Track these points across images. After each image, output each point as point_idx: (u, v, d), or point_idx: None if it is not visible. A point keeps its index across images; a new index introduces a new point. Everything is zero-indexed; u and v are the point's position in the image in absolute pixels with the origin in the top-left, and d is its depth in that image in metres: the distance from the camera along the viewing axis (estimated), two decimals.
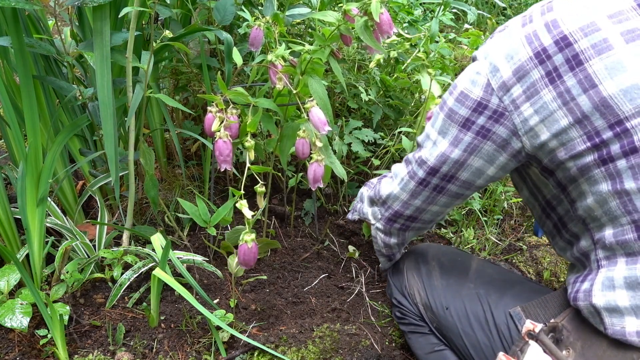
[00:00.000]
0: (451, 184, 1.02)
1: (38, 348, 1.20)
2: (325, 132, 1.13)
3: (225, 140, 1.12)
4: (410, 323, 1.19)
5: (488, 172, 0.98)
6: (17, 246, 1.36)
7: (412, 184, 1.06)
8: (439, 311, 1.13)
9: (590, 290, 0.87)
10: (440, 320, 1.13)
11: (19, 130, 1.26)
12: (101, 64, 1.19)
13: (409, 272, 1.22)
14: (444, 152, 0.98)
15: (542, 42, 0.84)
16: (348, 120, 1.82)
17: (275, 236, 1.65)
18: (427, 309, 1.16)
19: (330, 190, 1.87)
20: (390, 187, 1.11)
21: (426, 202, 1.08)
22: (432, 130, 1.01)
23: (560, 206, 1.00)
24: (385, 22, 1.13)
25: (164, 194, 1.72)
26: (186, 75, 1.68)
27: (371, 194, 1.17)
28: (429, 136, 1.01)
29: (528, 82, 0.85)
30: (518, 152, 0.92)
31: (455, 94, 0.95)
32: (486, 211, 1.89)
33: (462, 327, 1.08)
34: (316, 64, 1.21)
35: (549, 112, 0.84)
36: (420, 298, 1.17)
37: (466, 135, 0.95)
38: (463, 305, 1.10)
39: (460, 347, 1.08)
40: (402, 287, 1.22)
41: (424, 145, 1.03)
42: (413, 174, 1.05)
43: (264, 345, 1.20)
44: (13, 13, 1.16)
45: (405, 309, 1.21)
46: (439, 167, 1.01)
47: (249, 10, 1.51)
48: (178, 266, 1.25)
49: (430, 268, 1.20)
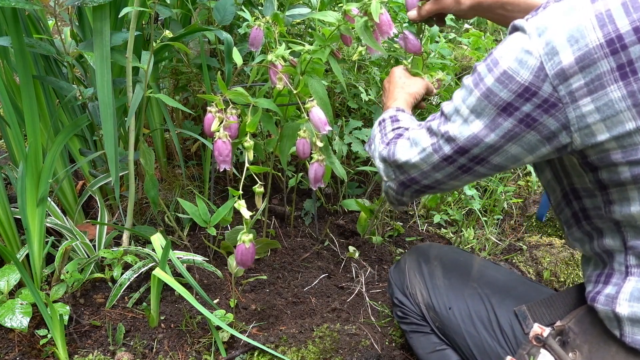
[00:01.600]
0: (480, 166, 0.92)
1: (38, 348, 1.20)
2: (325, 131, 1.13)
3: (225, 141, 1.12)
4: (412, 322, 1.18)
5: (524, 159, 0.88)
6: (17, 246, 1.36)
7: (436, 157, 0.94)
8: (442, 311, 1.11)
9: (615, 298, 0.83)
10: (443, 321, 1.10)
11: (19, 130, 1.26)
12: (101, 64, 1.19)
13: (411, 271, 1.20)
14: (477, 135, 0.87)
15: (617, 26, 0.72)
16: (348, 120, 1.82)
17: (275, 236, 1.65)
18: (430, 309, 1.13)
19: (330, 190, 1.87)
20: (408, 154, 0.98)
21: (448, 177, 0.97)
22: (464, 106, 0.88)
23: (589, 199, 0.90)
24: (385, 22, 1.13)
25: (164, 194, 1.72)
26: (186, 75, 1.68)
27: (384, 153, 1.04)
28: (459, 111, 0.89)
29: (593, 73, 0.74)
30: (564, 146, 0.82)
31: (496, 72, 0.82)
32: (486, 211, 1.89)
33: (465, 328, 1.06)
34: (316, 64, 1.21)
35: (613, 111, 0.74)
36: (423, 298, 1.15)
37: (506, 121, 0.83)
38: (466, 305, 1.07)
39: (463, 347, 1.07)
40: (404, 286, 1.20)
41: (452, 119, 0.90)
42: (438, 147, 0.93)
43: (264, 345, 1.20)
44: (13, 13, 1.16)
45: (407, 308, 1.18)
46: (469, 149, 0.89)
47: (249, 10, 1.51)
48: (178, 266, 1.25)
49: (432, 268, 1.17)
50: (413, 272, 1.20)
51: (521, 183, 2.09)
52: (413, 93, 1.21)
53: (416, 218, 1.83)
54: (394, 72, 1.26)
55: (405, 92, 1.21)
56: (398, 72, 1.25)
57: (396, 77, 1.24)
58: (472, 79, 0.87)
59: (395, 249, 1.66)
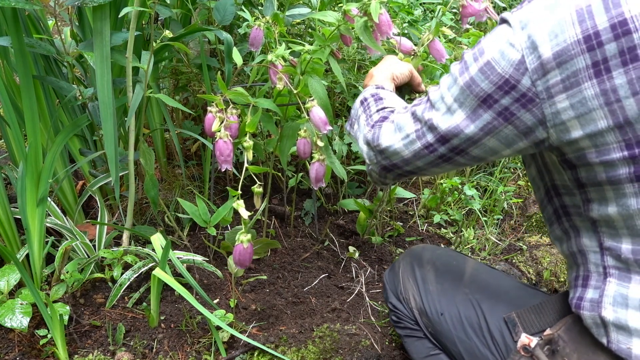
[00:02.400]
0: (460, 156, 0.92)
1: (38, 348, 1.20)
2: (326, 131, 1.13)
3: (226, 141, 1.12)
4: (406, 327, 1.17)
5: (502, 152, 0.88)
6: (17, 246, 1.36)
7: (418, 145, 0.94)
8: (434, 317, 1.10)
9: (599, 302, 0.82)
10: (435, 326, 1.10)
11: (19, 130, 1.26)
12: (101, 64, 1.19)
13: (404, 276, 1.19)
14: (458, 125, 0.87)
15: (595, 22, 0.71)
16: None
17: (275, 236, 1.65)
18: (422, 314, 1.12)
19: (330, 190, 1.87)
20: (391, 139, 0.97)
21: (430, 165, 0.97)
22: (448, 94, 0.87)
23: (568, 197, 0.91)
24: (385, 22, 1.13)
25: (164, 194, 1.72)
26: (186, 75, 1.68)
27: (369, 136, 1.03)
28: (444, 99, 0.88)
29: (569, 70, 0.74)
30: (541, 141, 0.82)
31: (480, 62, 0.81)
32: (486, 211, 1.89)
33: (456, 334, 1.05)
34: (316, 64, 1.21)
35: (586, 109, 0.74)
36: (415, 303, 1.14)
37: (486, 113, 0.83)
38: (457, 312, 1.06)
39: (455, 352, 1.07)
40: (398, 291, 1.18)
41: (437, 106, 0.90)
42: (421, 134, 0.93)
43: (264, 345, 1.20)
44: (13, 13, 1.16)
45: (401, 313, 1.17)
46: (449, 138, 0.89)
47: (249, 10, 1.51)
48: (178, 266, 1.25)
49: (425, 272, 1.16)
50: (407, 277, 1.18)
51: (521, 183, 2.09)
52: (392, 69, 1.20)
53: (416, 218, 1.83)
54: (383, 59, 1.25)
55: (383, 68, 1.20)
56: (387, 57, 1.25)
57: (381, 63, 1.24)
58: (459, 67, 0.86)
59: (395, 249, 1.66)
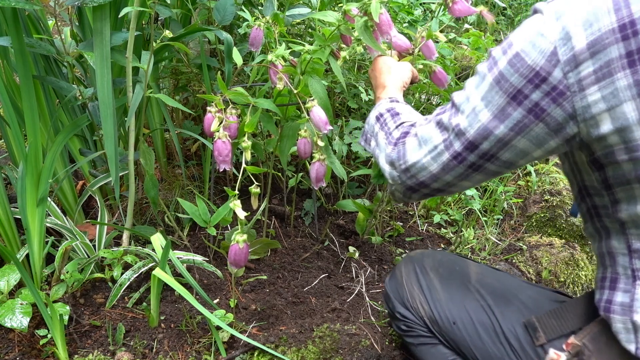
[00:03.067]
0: (490, 163, 0.86)
1: (38, 348, 1.20)
2: (326, 131, 1.13)
3: (225, 141, 1.12)
4: (419, 335, 1.13)
5: (533, 153, 0.84)
6: (17, 246, 1.36)
7: (446, 156, 0.88)
8: (446, 325, 1.07)
9: (631, 306, 0.81)
10: (449, 335, 1.07)
11: (19, 130, 1.26)
12: (101, 64, 1.19)
13: (409, 284, 1.15)
14: (487, 126, 0.82)
15: (632, 11, 0.69)
16: (348, 120, 1.82)
17: (275, 236, 1.65)
18: (434, 323, 1.10)
19: (330, 190, 1.87)
20: (417, 155, 0.92)
21: (459, 178, 0.91)
22: (475, 94, 0.83)
23: (597, 197, 0.88)
24: (385, 22, 1.13)
25: (164, 194, 1.72)
26: (186, 75, 1.68)
27: (393, 155, 0.96)
28: (470, 99, 0.84)
29: (602, 60, 0.71)
30: (572, 137, 0.79)
31: (509, 54, 0.78)
32: (486, 211, 1.89)
33: (471, 341, 1.03)
34: (316, 63, 1.21)
35: (618, 101, 0.71)
36: (425, 312, 1.11)
37: (516, 111, 0.79)
38: (470, 319, 1.04)
39: (472, 358, 1.05)
40: (404, 300, 1.15)
41: (462, 109, 0.85)
42: (449, 144, 0.87)
43: (264, 345, 1.20)
44: (13, 13, 1.16)
45: (411, 321, 1.14)
46: (479, 143, 0.84)
47: (249, 10, 1.51)
48: (178, 266, 1.25)
49: (429, 280, 1.13)
50: (411, 285, 1.15)
51: (521, 183, 2.09)
52: (401, 77, 1.18)
53: (416, 218, 1.83)
54: (378, 60, 1.22)
55: (393, 77, 1.17)
56: (382, 59, 1.22)
57: (380, 64, 1.20)
58: (486, 64, 0.83)
59: (395, 249, 1.66)
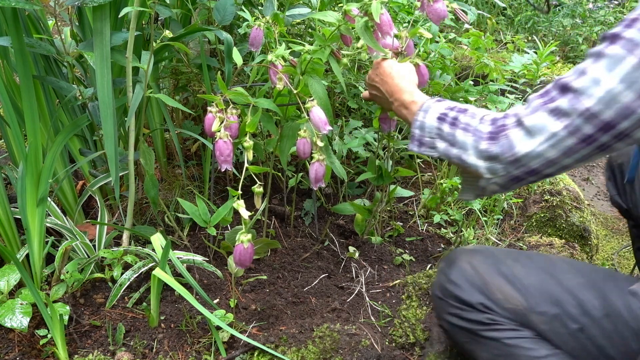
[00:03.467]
0: (620, 142, 0.87)
1: (38, 348, 1.20)
2: (326, 131, 1.13)
3: (226, 141, 1.12)
4: (509, 329, 1.06)
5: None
6: (17, 246, 1.36)
7: (571, 141, 0.88)
8: (548, 309, 1.03)
9: None
10: (551, 320, 1.03)
11: (19, 130, 1.26)
12: (101, 64, 1.19)
13: (488, 276, 1.09)
14: (630, 106, 0.82)
15: None
16: (348, 120, 1.82)
17: (275, 236, 1.65)
18: (532, 312, 1.05)
19: (330, 190, 1.87)
20: (530, 145, 0.92)
21: (579, 160, 0.92)
22: (608, 77, 0.84)
23: None
24: (386, 22, 1.13)
25: (164, 194, 1.72)
26: (186, 75, 1.68)
27: (494, 149, 0.96)
28: (600, 83, 0.84)
29: None
30: None
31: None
32: (486, 211, 1.89)
33: (583, 322, 1.01)
34: (316, 64, 1.21)
35: None
36: (518, 302, 1.06)
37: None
38: (574, 300, 1.02)
39: (582, 340, 1.02)
40: (486, 291, 1.08)
41: (590, 92, 0.85)
42: (575, 129, 0.87)
43: (264, 345, 1.20)
44: (13, 13, 1.16)
45: (496, 313, 1.07)
46: (616, 124, 0.84)
47: (249, 10, 1.51)
48: (178, 266, 1.25)
49: (511, 271, 1.08)
50: (491, 277, 1.09)
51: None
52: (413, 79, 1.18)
53: (416, 218, 1.83)
54: (384, 64, 1.20)
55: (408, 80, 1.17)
56: (388, 62, 1.20)
57: (389, 68, 1.19)
58: (619, 47, 0.83)
59: (395, 249, 1.66)
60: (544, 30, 3.76)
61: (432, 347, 1.28)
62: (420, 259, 1.65)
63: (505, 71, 2.04)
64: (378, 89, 1.21)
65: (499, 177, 0.98)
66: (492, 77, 1.98)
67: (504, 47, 3.24)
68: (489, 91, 1.98)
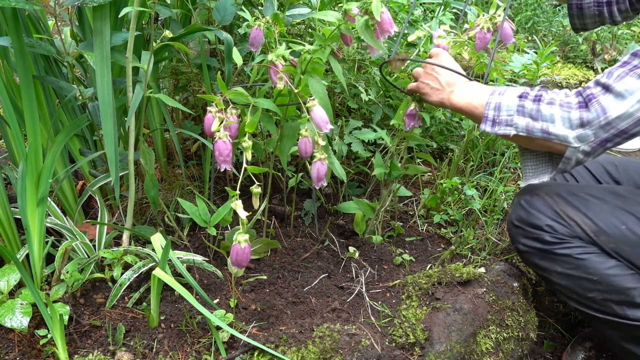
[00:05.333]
0: None
1: (38, 348, 1.20)
2: (327, 130, 1.14)
3: (225, 141, 1.12)
4: (576, 246, 1.24)
5: None
6: (17, 246, 1.36)
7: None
8: (616, 231, 1.20)
9: None
10: (620, 239, 1.20)
11: (19, 130, 1.26)
12: (101, 64, 1.19)
13: (561, 203, 1.26)
14: None
15: None
16: (348, 120, 1.82)
17: (275, 236, 1.65)
18: (600, 233, 1.21)
19: (330, 190, 1.87)
20: (622, 107, 1.06)
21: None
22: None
23: None
24: (386, 21, 1.13)
25: (164, 194, 1.72)
26: (186, 75, 1.68)
27: (586, 116, 1.09)
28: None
29: None
30: None
31: None
32: (486, 211, 1.89)
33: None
34: (316, 63, 1.21)
35: None
36: (588, 226, 1.22)
37: None
38: (638, 220, 1.19)
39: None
40: (556, 216, 1.25)
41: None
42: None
43: (264, 345, 1.20)
44: (13, 13, 1.16)
45: (562, 234, 1.24)
46: None
47: (249, 10, 1.51)
48: (178, 266, 1.25)
49: (581, 199, 1.25)
50: (564, 203, 1.26)
51: (521, 183, 2.09)
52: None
53: (416, 218, 1.83)
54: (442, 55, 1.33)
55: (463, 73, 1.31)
56: (446, 54, 1.34)
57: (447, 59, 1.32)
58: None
59: (395, 249, 1.66)
60: (544, 30, 3.76)
61: (432, 347, 1.28)
62: (420, 259, 1.65)
63: (505, 71, 2.04)
64: (436, 79, 1.30)
65: (587, 144, 1.11)
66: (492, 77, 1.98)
67: (504, 47, 3.23)
68: None
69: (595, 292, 1.25)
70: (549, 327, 1.67)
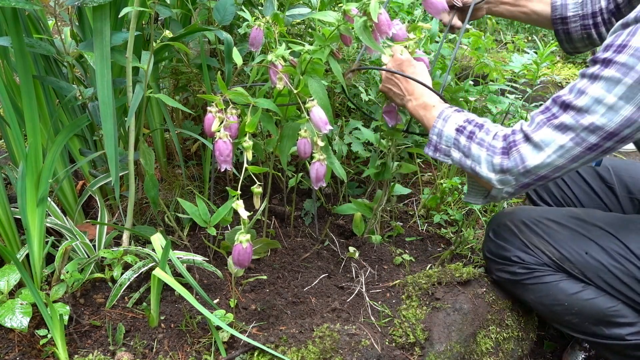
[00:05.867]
0: (622, 143, 1.04)
1: (38, 348, 1.20)
2: (326, 130, 1.14)
3: (225, 141, 1.12)
4: (545, 274, 1.30)
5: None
6: (17, 246, 1.36)
7: (578, 150, 1.05)
8: (577, 258, 1.25)
9: None
10: (583, 265, 1.25)
11: (19, 130, 1.26)
12: (101, 64, 1.19)
13: (526, 232, 1.32)
14: (630, 118, 0.99)
15: None
16: (348, 120, 1.82)
17: (275, 236, 1.65)
18: (564, 260, 1.27)
19: (330, 190, 1.87)
20: (539, 157, 1.08)
21: (583, 163, 1.08)
22: (609, 96, 0.99)
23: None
24: (384, 22, 1.13)
25: (164, 194, 1.72)
26: (186, 75, 1.68)
27: (507, 164, 1.11)
28: (602, 101, 1.00)
29: None
30: None
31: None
32: (486, 211, 1.89)
33: (604, 265, 1.22)
34: (316, 64, 1.21)
35: None
36: (552, 254, 1.28)
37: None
38: (599, 246, 1.24)
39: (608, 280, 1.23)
40: (523, 245, 1.32)
41: (593, 110, 1.01)
42: (580, 140, 1.04)
43: (264, 345, 1.20)
44: (13, 13, 1.16)
45: (529, 264, 1.31)
46: (619, 132, 1.01)
47: (249, 10, 1.51)
48: (178, 266, 1.25)
49: (545, 227, 1.31)
50: (529, 233, 1.32)
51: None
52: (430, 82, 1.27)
53: (416, 218, 1.83)
54: (405, 62, 1.28)
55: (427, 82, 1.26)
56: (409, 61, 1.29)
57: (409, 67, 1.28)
58: (613, 71, 0.98)
59: (395, 249, 1.66)
60: (544, 30, 3.76)
61: (432, 347, 1.28)
62: (420, 259, 1.65)
63: (505, 71, 2.04)
64: (397, 85, 1.29)
65: (509, 187, 1.14)
66: (492, 77, 1.98)
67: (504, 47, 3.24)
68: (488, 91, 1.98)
69: (570, 316, 1.30)
70: (549, 327, 1.67)
